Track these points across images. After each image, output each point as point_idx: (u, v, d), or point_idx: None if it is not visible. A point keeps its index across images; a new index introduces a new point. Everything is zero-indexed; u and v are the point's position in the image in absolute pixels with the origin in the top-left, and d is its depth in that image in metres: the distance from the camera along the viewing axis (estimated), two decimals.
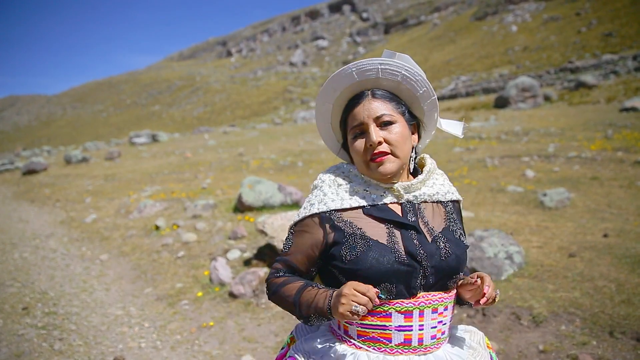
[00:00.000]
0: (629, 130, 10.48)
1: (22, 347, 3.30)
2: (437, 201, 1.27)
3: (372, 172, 1.19)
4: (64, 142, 58.62)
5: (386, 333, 1.13)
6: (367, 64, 1.18)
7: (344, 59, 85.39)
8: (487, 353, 1.26)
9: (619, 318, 2.81)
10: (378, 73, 1.19)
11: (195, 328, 3.44)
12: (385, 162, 1.17)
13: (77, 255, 5.77)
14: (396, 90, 1.23)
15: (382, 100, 1.20)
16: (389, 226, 1.17)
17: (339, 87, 1.22)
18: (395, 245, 1.13)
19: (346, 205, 1.19)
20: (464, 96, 29.68)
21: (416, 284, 1.13)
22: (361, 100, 1.20)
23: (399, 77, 1.20)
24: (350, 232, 1.15)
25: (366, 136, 1.18)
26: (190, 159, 15.12)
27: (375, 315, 1.13)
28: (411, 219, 1.19)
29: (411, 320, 1.12)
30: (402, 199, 1.21)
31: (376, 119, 1.18)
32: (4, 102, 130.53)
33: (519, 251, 3.80)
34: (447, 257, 1.15)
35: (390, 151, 1.18)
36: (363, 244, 1.13)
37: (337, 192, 1.22)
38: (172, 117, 77.93)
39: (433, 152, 10.59)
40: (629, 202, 5.72)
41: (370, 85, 1.22)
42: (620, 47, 31.84)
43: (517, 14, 60.64)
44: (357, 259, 1.12)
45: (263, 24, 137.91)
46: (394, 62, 1.19)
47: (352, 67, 1.18)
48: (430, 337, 1.14)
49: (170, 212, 7.18)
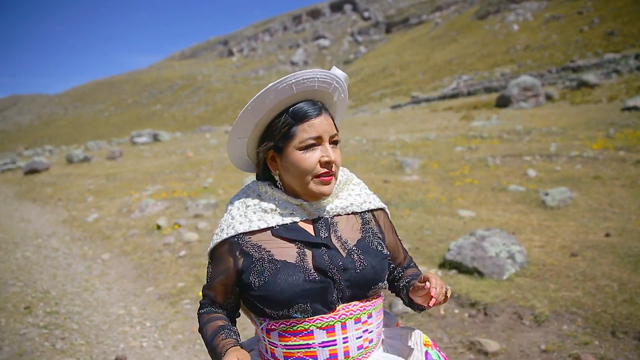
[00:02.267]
0: (631, 130, 10.45)
1: (24, 346, 3.31)
2: (353, 212, 1.23)
3: (314, 188, 1.13)
4: (66, 142, 58.72)
5: (311, 351, 1.10)
6: (329, 77, 1.13)
7: (346, 58, 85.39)
8: (422, 353, 1.23)
9: (621, 317, 2.80)
10: (331, 87, 1.15)
11: (196, 327, 3.44)
12: (330, 183, 1.14)
13: (79, 254, 5.78)
14: (331, 109, 1.22)
15: (329, 117, 1.17)
16: (300, 245, 1.13)
17: (298, 88, 1.11)
18: (305, 264, 1.10)
19: (254, 227, 1.14)
20: (466, 95, 29.62)
21: (332, 298, 1.10)
22: (319, 112, 1.13)
23: (340, 97, 1.20)
24: (258, 256, 1.12)
25: (320, 151, 1.12)
26: (191, 158, 15.13)
27: (298, 334, 1.10)
28: (323, 235, 1.15)
29: (334, 335, 1.10)
30: (312, 215, 1.18)
31: (331, 137, 1.14)
32: (5, 102, 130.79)
33: (520, 250, 3.79)
34: (362, 270, 1.12)
35: (334, 173, 1.15)
36: (271, 267, 1.09)
37: (245, 214, 1.17)
38: (174, 117, 77.99)
39: (435, 152, 10.59)
40: (631, 201, 5.70)
41: (319, 97, 1.16)
42: (623, 46, 31.74)
43: (518, 13, 60.51)
44: (266, 283, 1.08)
45: (264, 23, 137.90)
46: (342, 82, 1.17)
47: (318, 74, 1.12)
48: (356, 347, 1.12)
49: (172, 211, 7.19)
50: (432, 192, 7.02)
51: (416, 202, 6.42)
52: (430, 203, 6.36)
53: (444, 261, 3.94)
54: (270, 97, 1.11)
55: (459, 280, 3.59)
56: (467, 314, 3.16)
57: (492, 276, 3.56)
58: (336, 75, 1.16)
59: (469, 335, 2.90)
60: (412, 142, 12.53)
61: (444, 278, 3.67)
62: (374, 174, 8.81)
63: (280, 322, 1.11)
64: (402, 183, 7.80)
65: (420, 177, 8.14)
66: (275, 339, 1.13)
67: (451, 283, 3.55)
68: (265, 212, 1.17)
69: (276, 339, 1.13)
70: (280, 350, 1.13)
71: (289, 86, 1.10)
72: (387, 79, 55.89)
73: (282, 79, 1.09)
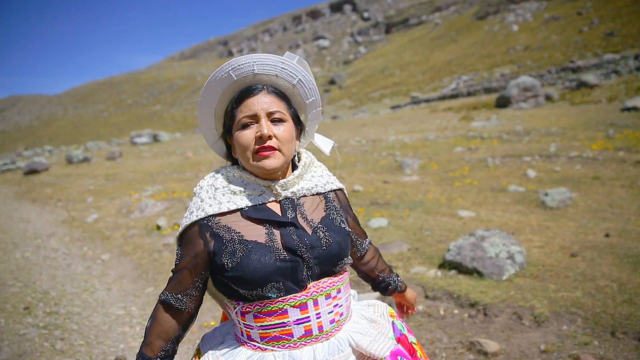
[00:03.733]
0: (631, 130, 10.46)
1: (23, 346, 3.31)
2: (317, 193, 1.29)
3: (255, 164, 1.17)
4: (65, 142, 58.70)
5: (286, 329, 1.15)
6: (270, 60, 1.17)
7: (345, 59, 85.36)
8: (389, 323, 1.31)
9: (621, 318, 2.81)
10: (276, 70, 1.19)
11: (196, 328, 3.45)
12: (271, 157, 1.16)
13: (79, 254, 5.78)
14: (289, 92, 1.24)
15: (276, 97, 1.20)
16: (268, 226, 1.17)
17: (235, 73, 1.17)
18: (274, 244, 1.14)
19: (224, 209, 1.17)
20: (465, 96, 29.63)
21: (303, 276, 1.15)
22: (256, 92, 1.18)
23: (295, 80, 1.21)
24: (228, 237, 1.14)
25: (256, 128, 1.16)
26: (191, 158, 15.14)
27: (272, 314, 1.14)
28: (290, 215, 1.19)
29: (307, 312, 1.15)
30: (280, 197, 1.22)
31: (269, 114, 1.17)
32: (5, 102, 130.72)
33: (520, 251, 3.79)
34: (328, 246, 1.18)
35: (277, 147, 1.17)
36: (242, 248, 1.12)
37: (215, 197, 1.19)
38: (173, 117, 77.97)
39: (434, 152, 10.59)
40: (631, 201, 5.70)
41: (266, 81, 1.20)
42: (622, 47, 31.76)
43: (518, 14, 60.54)
44: (239, 264, 1.11)
45: (264, 23, 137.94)
46: (293, 65, 1.19)
47: (255, 57, 1.16)
48: (329, 322, 1.18)
49: (172, 211, 7.19)
50: (432, 192, 7.03)
51: (416, 203, 6.42)
52: (429, 203, 6.36)
53: (443, 261, 3.94)
54: (213, 87, 1.18)
55: (458, 281, 3.59)
56: (467, 314, 3.16)
57: (492, 276, 3.56)
58: (282, 58, 1.18)
59: (469, 336, 2.90)
60: (412, 143, 12.53)
61: (444, 278, 3.68)
62: (373, 175, 8.81)
63: (255, 304, 1.15)
64: (401, 183, 7.80)
65: (419, 178, 8.15)
66: (250, 320, 1.16)
67: (451, 283, 3.56)
68: (234, 193, 1.20)
69: (251, 321, 1.16)
70: (256, 331, 1.17)
71: (227, 74, 1.16)
72: (386, 80, 55.89)
73: (220, 68, 1.16)
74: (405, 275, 3.82)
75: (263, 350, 1.16)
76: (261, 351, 1.16)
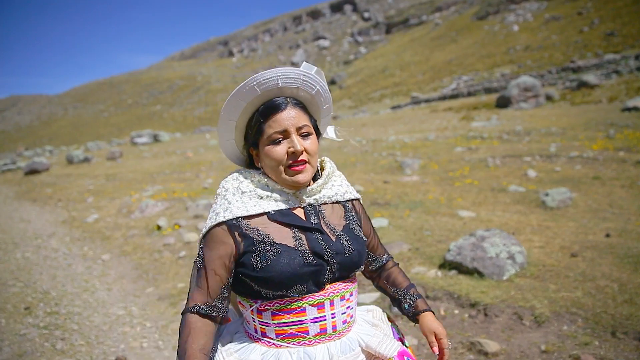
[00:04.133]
0: (631, 130, 10.46)
1: (24, 346, 3.31)
2: (337, 201, 1.33)
3: (288, 178, 1.21)
4: (66, 142, 58.73)
5: (303, 327, 1.19)
6: (294, 72, 1.20)
7: (345, 59, 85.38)
8: (389, 327, 1.39)
9: (622, 318, 2.81)
10: (298, 83, 1.22)
11: None
12: (304, 172, 1.21)
13: (79, 254, 5.78)
14: (307, 102, 1.27)
15: (300, 110, 1.23)
16: (294, 230, 1.20)
17: (260, 88, 1.19)
18: (303, 248, 1.18)
19: (252, 212, 1.19)
20: (466, 96, 29.63)
21: (324, 279, 1.20)
22: (283, 107, 1.20)
23: (314, 91, 1.25)
24: (259, 239, 1.17)
25: (288, 143, 1.20)
26: (191, 158, 15.14)
27: (291, 312, 1.18)
28: (314, 221, 1.24)
29: (324, 311, 1.20)
30: (304, 203, 1.26)
31: (298, 128, 1.21)
32: (5, 102, 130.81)
33: (520, 251, 3.79)
34: (350, 254, 1.23)
35: (308, 160, 1.22)
36: (272, 251, 1.15)
37: (242, 200, 1.21)
38: (174, 117, 77.99)
39: (434, 152, 10.59)
40: (631, 202, 5.70)
41: (289, 93, 1.23)
42: (623, 47, 31.75)
43: (518, 14, 60.54)
44: (268, 266, 1.14)
45: (264, 23, 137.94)
46: (313, 76, 1.23)
47: (279, 72, 1.18)
48: (342, 322, 1.23)
49: (172, 211, 7.19)
50: (432, 192, 7.03)
51: (416, 203, 6.42)
52: (430, 203, 6.36)
53: (443, 262, 3.94)
54: (237, 100, 1.20)
55: (459, 281, 3.59)
56: (467, 314, 3.16)
57: (492, 277, 3.56)
58: (303, 70, 1.22)
59: (469, 336, 2.90)
60: (412, 143, 12.53)
61: (444, 278, 3.68)
62: (373, 175, 8.81)
63: (275, 302, 1.18)
64: (401, 183, 7.80)
65: (420, 178, 8.15)
66: (267, 318, 1.19)
67: (451, 283, 3.56)
68: (261, 198, 1.23)
69: (269, 318, 1.19)
70: (272, 328, 1.20)
71: (252, 88, 1.18)
72: (387, 80, 55.89)
73: (245, 82, 1.18)
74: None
75: (278, 346, 1.19)
76: (276, 347, 1.19)
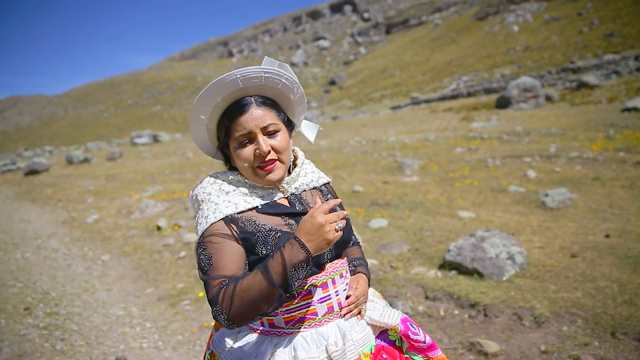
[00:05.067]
0: (631, 131, 10.46)
1: (24, 347, 3.31)
2: (314, 187, 1.39)
3: (259, 178, 1.24)
4: (66, 143, 58.71)
5: (311, 309, 1.22)
6: (253, 71, 1.19)
7: (345, 59, 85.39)
8: (384, 302, 1.45)
9: (621, 319, 2.81)
10: (262, 80, 1.22)
11: (196, 328, 3.44)
12: (274, 170, 1.24)
13: (79, 255, 5.78)
14: (276, 96, 1.28)
15: (266, 108, 1.23)
16: (284, 218, 1.25)
17: (223, 91, 1.20)
18: None
19: (241, 208, 1.21)
20: (466, 96, 29.64)
21: (324, 259, 1.26)
22: (246, 109, 1.21)
23: (280, 84, 1.25)
24: (256, 229, 1.19)
25: (254, 144, 1.21)
26: (191, 159, 15.14)
27: (298, 296, 1.21)
28: (299, 207, 1.29)
29: (328, 290, 1.25)
30: (286, 193, 1.31)
31: (263, 128, 1.22)
32: (5, 103, 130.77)
33: (520, 251, 3.79)
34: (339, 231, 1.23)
35: (277, 158, 1.24)
36: (273, 236, 1.18)
37: (228, 199, 1.23)
38: (174, 118, 77.99)
39: (434, 153, 10.59)
40: (631, 202, 5.70)
41: (253, 92, 1.24)
42: (622, 47, 31.77)
43: (518, 14, 60.55)
44: (273, 250, 1.16)
45: (264, 24, 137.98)
46: (276, 71, 1.23)
47: (238, 73, 1.18)
48: (345, 298, 1.28)
49: (172, 212, 7.19)
50: (432, 193, 7.03)
51: (416, 203, 6.42)
52: (429, 204, 6.36)
53: (443, 262, 3.94)
54: (201, 106, 1.22)
55: (458, 281, 3.59)
56: (467, 314, 3.16)
57: (492, 277, 3.56)
58: (264, 67, 1.21)
59: (469, 336, 2.90)
60: (412, 143, 12.54)
61: (444, 279, 3.68)
62: (373, 175, 8.81)
63: None
64: (401, 184, 7.80)
65: (419, 178, 8.15)
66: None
67: (451, 284, 3.56)
68: (246, 194, 1.26)
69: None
70: (280, 317, 1.22)
71: (214, 91, 1.19)
72: (386, 80, 55.90)
73: (206, 88, 1.19)
74: (406, 275, 3.82)
75: (289, 334, 1.21)
76: (287, 335, 1.21)
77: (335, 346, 1.19)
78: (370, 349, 1.26)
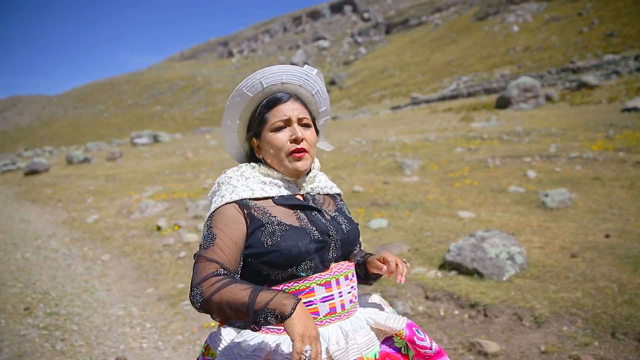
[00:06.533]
0: (631, 131, 10.46)
1: (23, 347, 3.31)
2: (326, 193, 1.44)
3: (289, 164, 1.29)
4: (66, 143, 58.71)
5: (313, 307, 1.22)
6: (296, 71, 1.31)
7: (345, 59, 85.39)
8: (390, 308, 1.45)
9: (621, 319, 2.81)
10: (301, 81, 1.33)
11: (196, 328, 3.45)
12: (303, 159, 1.30)
13: (79, 255, 5.78)
14: (307, 101, 1.38)
15: (301, 104, 1.33)
16: (297, 212, 1.29)
17: (267, 83, 1.29)
18: (308, 226, 1.25)
19: (257, 194, 1.27)
20: (466, 96, 29.64)
21: (329, 257, 1.27)
22: (284, 99, 1.30)
23: (314, 90, 1.37)
24: (267, 220, 1.22)
25: (289, 131, 1.29)
26: (191, 159, 15.14)
27: (300, 293, 1.21)
28: (313, 205, 1.33)
29: (331, 290, 1.25)
30: (303, 190, 1.36)
31: (299, 119, 1.30)
32: (5, 103, 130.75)
33: (520, 252, 3.79)
34: (348, 232, 1.33)
35: (307, 149, 1.31)
36: (281, 229, 1.21)
37: (247, 184, 1.29)
38: (174, 118, 78.01)
39: (434, 153, 10.59)
40: (631, 202, 5.70)
41: (290, 90, 1.33)
42: (622, 47, 31.77)
43: (518, 14, 60.55)
44: (279, 243, 1.19)
45: (264, 24, 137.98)
46: (314, 77, 1.35)
47: (283, 69, 1.29)
48: (349, 301, 1.29)
49: (172, 212, 7.20)
50: (432, 193, 7.03)
51: (416, 203, 6.42)
52: (429, 204, 6.36)
53: (443, 262, 3.94)
54: (243, 92, 1.29)
55: (458, 281, 3.59)
56: (467, 315, 3.16)
57: (492, 277, 3.56)
58: (306, 70, 1.33)
59: (469, 336, 2.90)
60: (412, 143, 12.54)
61: (444, 279, 3.68)
62: (373, 175, 8.81)
63: (283, 285, 1.21)
64: (401, 184, 7.80)
65: (419, 178, 8.15)
66: None
67: (451, 284, 3.56)
68: (264, 183, 1.30)
69: None
70: None
71: (258, 81, 1.28)
72: (386, 80, 55.90)
73: (250, 76, 1.28)
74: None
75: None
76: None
77: (337, 345, 1.18)
78: (374, 354, 1.24)
